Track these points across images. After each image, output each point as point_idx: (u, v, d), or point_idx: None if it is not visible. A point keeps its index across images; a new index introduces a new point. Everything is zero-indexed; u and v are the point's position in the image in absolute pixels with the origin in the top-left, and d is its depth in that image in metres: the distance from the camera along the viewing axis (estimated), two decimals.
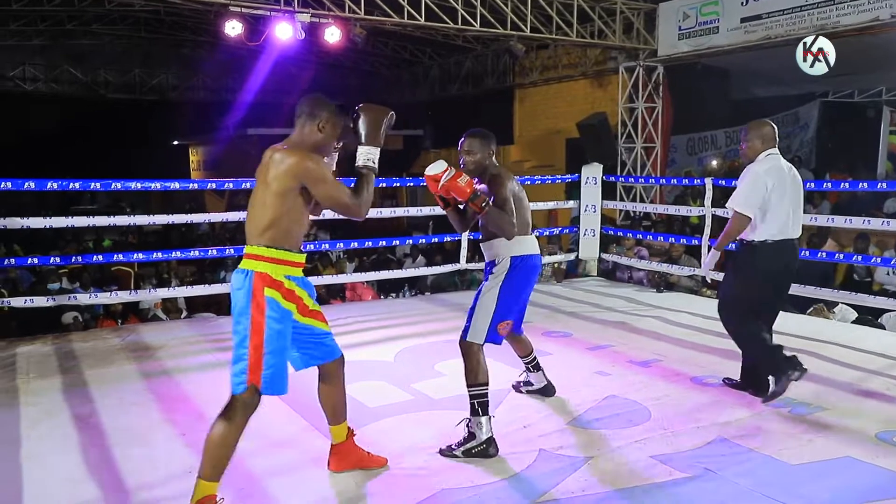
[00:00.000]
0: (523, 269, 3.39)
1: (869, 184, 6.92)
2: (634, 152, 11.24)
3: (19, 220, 5.43)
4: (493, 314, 3.31)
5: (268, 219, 2.63)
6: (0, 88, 16.00)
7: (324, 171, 2.67)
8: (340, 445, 3.03)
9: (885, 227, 6.31)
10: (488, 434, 3.16)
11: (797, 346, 4.93)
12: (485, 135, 3.48)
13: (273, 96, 17.59)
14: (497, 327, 3.33)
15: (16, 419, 3.62)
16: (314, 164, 2.65)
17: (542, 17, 9.93)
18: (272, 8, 8.28)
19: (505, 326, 3.37)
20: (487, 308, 3.32)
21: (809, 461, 3.12)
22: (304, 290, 2.75)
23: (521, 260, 3.39)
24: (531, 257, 3.44)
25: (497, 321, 3.32)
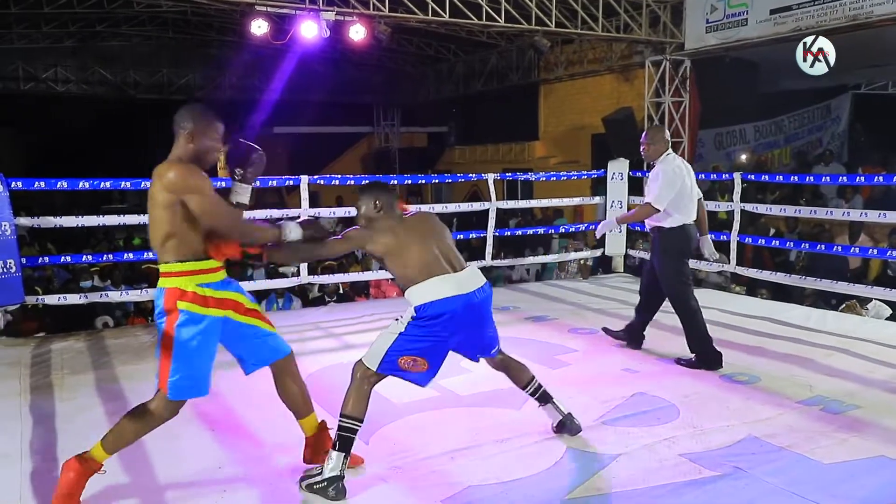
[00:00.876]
0: (435, 315, 2.89)
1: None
2: None
3: (52, 220, 5.53)
4: (394, 343, 2.91)
5: (162, 234, 2.65)
6: (33, 90, 16.30)
7: (198, 184, 2.64)
8: (312, 438, 3.06)
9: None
10: (334, 473, 2.78)
11: (829, 343, 4.86)
12: (367, 187, 3.12)
13: (298, 95, 17.70)
14: (398, 359, 2.89)
15: (51, 414, 3.70)
16: (189, 176, 2.63)
17: (566, 11, 9.87)
18: (298, 6, 8.33)
19: (408, 361, 2.89)
20: (390, 334, 2.94)
21: (843, 460, 3.07)
22: (231, 292, 2.81)
23: (429, 307, 2.89)
24: (442, 302, 2.88)
25: (399, 353, 2.89)
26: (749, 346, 4.84)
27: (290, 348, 2.99)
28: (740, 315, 5.77)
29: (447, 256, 3.00)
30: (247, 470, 3.04)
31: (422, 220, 3.11)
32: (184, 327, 2.66)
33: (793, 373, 4.27)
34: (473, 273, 3.04)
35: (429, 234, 3.03)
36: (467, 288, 2.95)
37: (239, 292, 2.86)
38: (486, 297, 3.03)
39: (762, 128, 12.74)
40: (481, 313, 3.01)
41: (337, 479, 2.79)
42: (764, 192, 9.89)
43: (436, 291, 2.89)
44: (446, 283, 2.91)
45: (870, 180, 7.29)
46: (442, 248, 3.01)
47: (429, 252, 2.96)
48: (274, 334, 2.94)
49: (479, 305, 2.98)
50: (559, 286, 7.25)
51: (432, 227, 3.10)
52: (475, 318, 2.98)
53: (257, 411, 3.72)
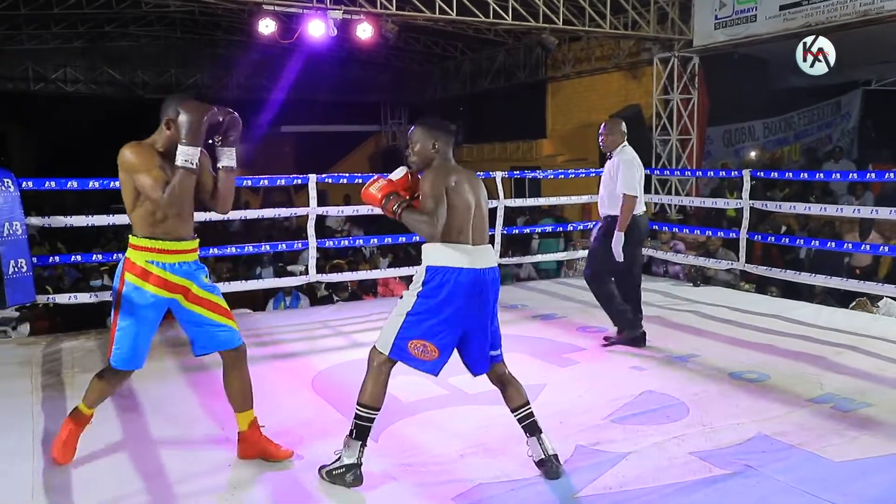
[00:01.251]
0: (442, 283, 2.82)
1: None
2: (669, 145, 11.10)
3: (63, 219, 5.56)
4: (402, 325, 2.86)
5: (128, 210, 2.86)
6: (43, 90, 16.40)
7: (139, 162, 2.77)
8: (245, 434, 3.10)
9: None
10: (351, 460, 2.83)
11: (840, 341, 4.84)
12: (429, 124, 2.96)
13: (306, 94, 17.74)
14: (408, 345, 2.85)
15: (63, 412, 3.70)
16: (132, 155, 2.78)
17: (574, 8, 9.84)
18: (305, 5, 8.34)
19: (418, 346, 2.83)
20: (398, 316, 2.89)
21: (854, 458, 3.06)
22: (181, 278, 2.88)
23: (439, 272, 2.83)
24: (453, 271, 2.81)
25: (408, 337, 2.85)
26: (759, 344, 4.82)
27: (240, 342, 3.04)
28: (750, 313, 5.75)
29: (476, 226, 2.92)
30: (257, 469, 3.05)
31: (473, 180, 2.97)
32: (127, 298, 2.83)
33: (803, 370, 4.25)
34: (487, 251, 2.96)
35: (475, 196, 2.93)
36: (478, 264, 2.87)
37: (190, 279, 2.91)
38: (494, 279, 2.94)
39: (771, 124, 12.67)
40: (486, 293, 2.89)
41: (354, 466, 2.83)
42: (773, 190, 9.85)
43: (449, 258, 2.83)
44: (462, 252, 2.85)
45: (880, 177, 7.23)
46: (477, 216, 2.92)
47: (466, 215, 2.87)
48: (224, 325, 2.99)
49: (486, 284, 2.89)
50: (567, 284, 7.24)
51: (478, 189, 2.96)
52: (480, 296, 2.87)
53: (267, 410, 3.72)
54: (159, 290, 2.84)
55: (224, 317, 3.00)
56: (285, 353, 4.78)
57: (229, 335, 3.01)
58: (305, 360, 4.66)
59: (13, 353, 4.84)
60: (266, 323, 5.76)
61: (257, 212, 8.14)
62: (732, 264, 6.85)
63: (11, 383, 4.20)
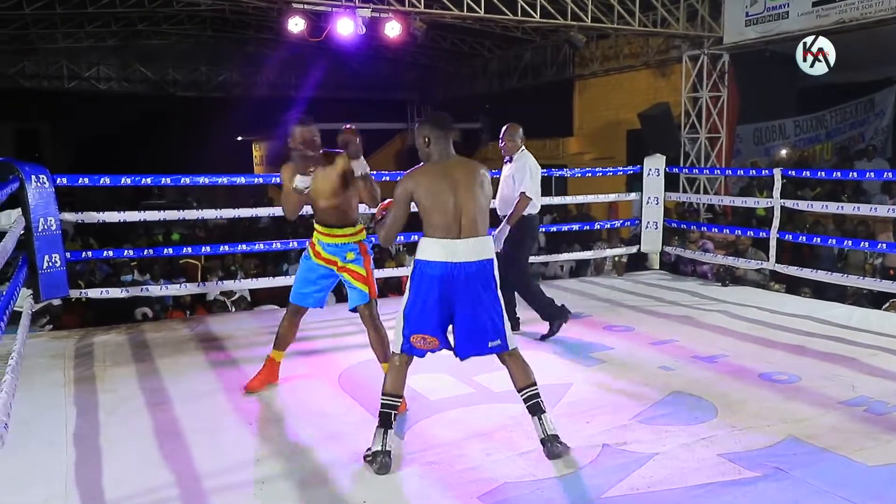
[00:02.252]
0: (420, 276, 3.02)
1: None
2: (698, 143, 10.98)
3: (95, 215, 5.66)
4: (403, 324, 3.05)
5: None
6: (76, 88, 16.69)
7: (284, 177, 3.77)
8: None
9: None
10: (377, 448, 2.96)
11: (874, 343, 4.75)
12: (422, 121, 3.21)
13: (333, 92, 17.84)
14: (411, 339, 3.04)
15: (95, 405, 3.78)
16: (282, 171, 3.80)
17: (602, 6, 9.77)
18: (334, 4, 8.39)
19: (419, 340, 3.03)
20: (400, 315, 3.08)
21: (888, 463, 3.00)
22: (328, 254, 3.81)
23: (417, 265, 3.04)
24: (428, 264, 2.99)
25: (409, 333, 3.04)
26: (789, 345, 4.75)
27: (367, 300, 3.80)
28: (779, 313, 5.66)
29: (461, 217, 2.98)
30: (284, 464, 3.07)
31: (460, 170, 3.06)
32: (301, 260, 3.94)
33: (835, 372, 4.18)
34: (475, 245, 3.00)
35: (458, 187, 3.00)
36: (456, 258, 2.97)
37: (335, 256, 3.79)
38: (471, 273, 2.99)
39: (802, 123, 12.47)
40: (462, 285, 2.98)
41: (379, 453, 2.96)
42: (803, 189, 9.69)
43: (428, 251, 3.00)
44: (441, 246, 2.97)
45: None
46: (461, 207, 2.98)
47: (444, 208, 2.98)
48: (358, 289, 3.79)
49: (460, 277, 2.97)
50: (594, 283, 7.20)
51: (467, 180, 3.03)
52: (453, 287, 2.97)
53: (294, 406, 3.76)
54: (317, 258, 3.83)
55: (360, 281, 3.79)
56: (311, 349, 4.82)
57: (359, 295, 3.79)
58: (331, 356, 4.68)
59: (46, 347, 4.94)
60: None
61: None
62: (762, 264, 6.75)
63: (45, 376, 4.29)
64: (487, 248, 3.07)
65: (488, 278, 3.05)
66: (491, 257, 3.08)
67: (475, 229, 3.02)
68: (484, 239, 3.06)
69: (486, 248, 3.06)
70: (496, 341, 3.09)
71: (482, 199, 3.06)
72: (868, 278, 6.54)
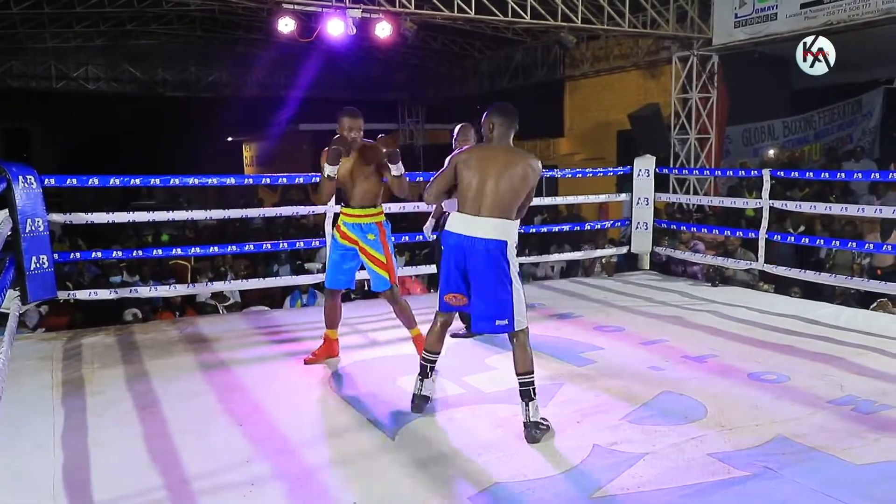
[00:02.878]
0: (443, 243, 3.50)
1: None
2: (688, 144, 11.03)
3: (84, 216, 5.62)
4: (441, 285, 3.56)
5: None
6: (65, 88, 16.58)
7: (322, 161, 4.06)
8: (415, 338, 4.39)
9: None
10: (416, 391, 3.59)
11: (861, 342, 4.79)
12: (498, 108, 3.49)
13: (324, 92, 17.80)
14: (445, 298, 3.51)
15: (82, 407, 3.76)
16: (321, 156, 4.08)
17: (592, 7, 9.80)
18: (324, 4, 8.38)
19: (451, 298, 3.47)
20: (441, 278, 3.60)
21: (875, 461, 3.02)
22: (351, 232, 4.21)
23: (445, 234, 3.49)
24: (448, 234, 3.44)
25: (444, 292, 3.51)
26: (778, 345, 4.78)
27: (388, 287, 4.22)
28: (769, 313, 5.70)
29: (484, 198, 3.30)
30: (274, 465, 3.06)
31: (503, 157, 3.35)
32: (331, 249, 4.31)
33: (823, 372, 4.20)
34: (488, 225, 3.29)
35: (491, 171, 3.31)
36: (465, 231, 3.32)
37: (356, 236, 4.17)
38: (482, 249, 3.28)
39: (791, 123, 12.55)
40: (469, 258, 3.32)
41: (416, 396, 3.58)
42: (792, 189, 9.75)
43: (451, 224, 3.42)
44: (461, 220, 3.36)
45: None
46: (485, 188, 3.30)
47: (470, 185, 3.34)
48: (378, 274, 4.19)
49: (467, 249, 3.31)
50: (584, 283, 7.22)
51: (503, 168, 3.32)
52: (464, 257, 3.34)
53: (285, 407, 3.75)
54: (342, 238, 4.20)
55: (380, 268, 4.16)
56: (302, 350, 4.80)
57: (380, 281, 4.19)
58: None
59: (34, 348, 4.90)
60: (283, 320, 5.79)
61: (275, 209, 8.20)
62: (751, 264, 6.79)
63: (32, 378, 4.26)
64: (501, 231, 3.31)
65: (498, 258, 3.29)
66: (504, 240, 3.31)
67: (495, 211, 3.30)
68: (501, 222, 3.30)
69: (500, 231, 3.30)
70: (503, 321, 3.31)
71: (509, 187, 3.30)
72: (856, 278, 6.59)
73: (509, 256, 3.32)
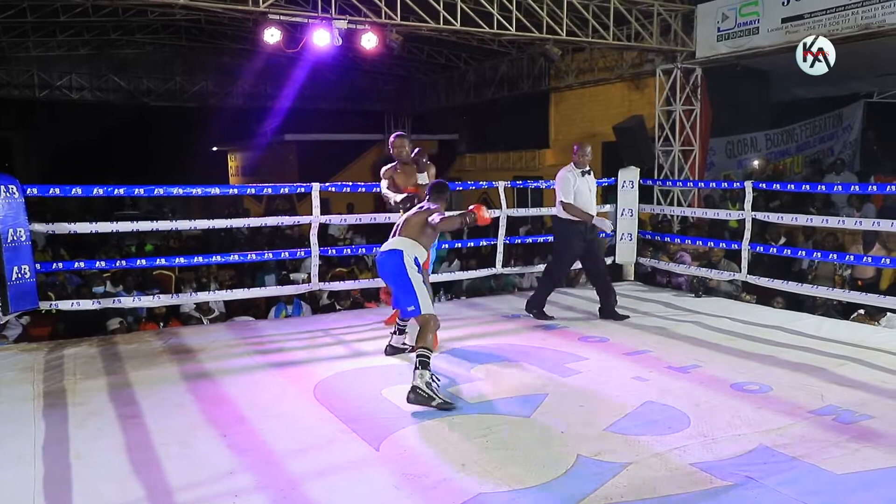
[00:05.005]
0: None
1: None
2: (672, 155, 11.12)
3: (67, 226, 5.58)
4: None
5: None
6: (48, 97, 16.47)
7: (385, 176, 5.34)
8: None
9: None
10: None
11: (842, 353, 4.84)
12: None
13: (310, 103, 17.81)
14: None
15: (64, 419, 3.72)
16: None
17: (577, 20, 9.88)
18: (310, 15, 8.39)
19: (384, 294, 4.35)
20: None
21: (856, 470, 3.05)
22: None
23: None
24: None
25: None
26: (760, 355, 4.82)
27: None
28: (751, 324, 5.74)
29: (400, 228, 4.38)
30: (258, 476, 3.05)
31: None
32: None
33: (804, 382, 4.24)
34: (393, 242, 4.30)
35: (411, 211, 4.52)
36: (383, 248, 4.33)
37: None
38: (382, 259, 4.28)
39: (774, 136, 12.70)
40: (382, 269, 4.32)
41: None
42: (774, 201, 9.85)
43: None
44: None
45: (881, 189, 7.23)
46: (405, 220, 4.41)
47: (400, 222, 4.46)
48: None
49: (380, 262, 4.33)
50: (569, 294, 7.24)
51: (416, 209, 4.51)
52: (380, 270, 4.35)
53: (269, 418, 3.73)
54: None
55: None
56: (287, 361, 4.79)
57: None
58: (307, 368, 4.66)
59: (15, 360, 4.85)
60: (267, 331, 5.76)
61: (260, 220, 8.18)
62: (734, 275, 6.85)
63: (13, 389, 4.21)
64: (397, 244, 4.28)
65: (388, 268, 4.28)
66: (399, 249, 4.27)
67: (401, 234, 4.37)
68: (398, 240, 4.31)
69: (396, 244, 4.28)
70: (411, 307, 4.14)
71: (417, 217, 4.40)
72: (837, 290, 6.67)
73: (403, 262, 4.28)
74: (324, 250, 6.41)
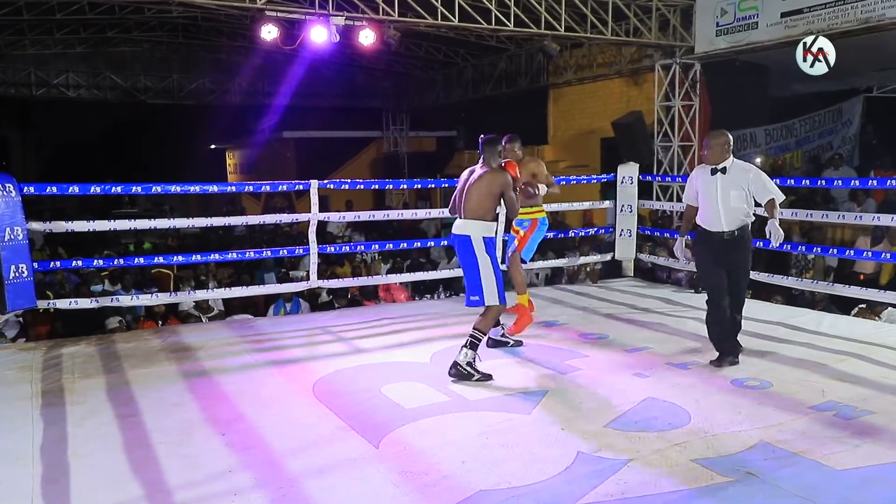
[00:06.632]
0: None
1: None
2: (671, 151, 11.10)
3: (65, 224, 5.57)
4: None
5: None
6: (45, 96, 16.42)
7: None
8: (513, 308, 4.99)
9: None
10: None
11: (842, 348, 4.83)
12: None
13: (308, 100, 17.75)
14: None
15: (62, 418, 3.71)
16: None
17: (576, 15, 9.85)
18: (307, 11, 8.36)
19: None
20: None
21: (857, 466, 3.04)
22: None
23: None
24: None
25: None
26: (761, 351, 4.81)
27: (514, 248, 5.32)
28: (751, 320, 5.70)
29: (462, 205, 4.40)
30: (257, 474, 3.04)
31: (475, 172, 4.45)
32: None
33: (805, 378, 4.23)
34: (459, 225, 4.37)
35: (464, 183, 4.46)
36: (453, 229, 4.43)
37: (518, 225, 5.27)
38: (456, 240, 4.39)
39: (773, 131, 12.67)
40: (458, 252, 4.43)
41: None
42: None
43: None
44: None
45: (882, 184, 7.23)
46: (463, 198, 4.38)
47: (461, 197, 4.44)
48: (514, 242, 5.33)
49: (455, 244, 4.43)
50: (569, 291, 7.23)
51: (475, 181, 4.38)
52: (457, 252, 4.46)
53: (268, 416, 3.72)
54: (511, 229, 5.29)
55: (518, 240, 5.23)
56: (286, 358, 4.78)
57: (512, 245, 5.28)
58: (306, 365, 4.65)
59: (13, 358, 4.84)
60: (266, 329, 5.75)
61: (259, 217, 8.16)
62: None
63: (11, 388, 4.20)
64: (461, 227, 4.36)
65: (464, 250, 4.35)
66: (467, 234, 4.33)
67: (465, 213, 4.37)
68: (463, 221, 4.35)
69: (461, 227, 4.36)
70: (476, 297, 4.28)
71: (474, 192, 4.37)
72: (837, 284, 6.65)
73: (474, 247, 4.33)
74: (322, 248, 6.39)
